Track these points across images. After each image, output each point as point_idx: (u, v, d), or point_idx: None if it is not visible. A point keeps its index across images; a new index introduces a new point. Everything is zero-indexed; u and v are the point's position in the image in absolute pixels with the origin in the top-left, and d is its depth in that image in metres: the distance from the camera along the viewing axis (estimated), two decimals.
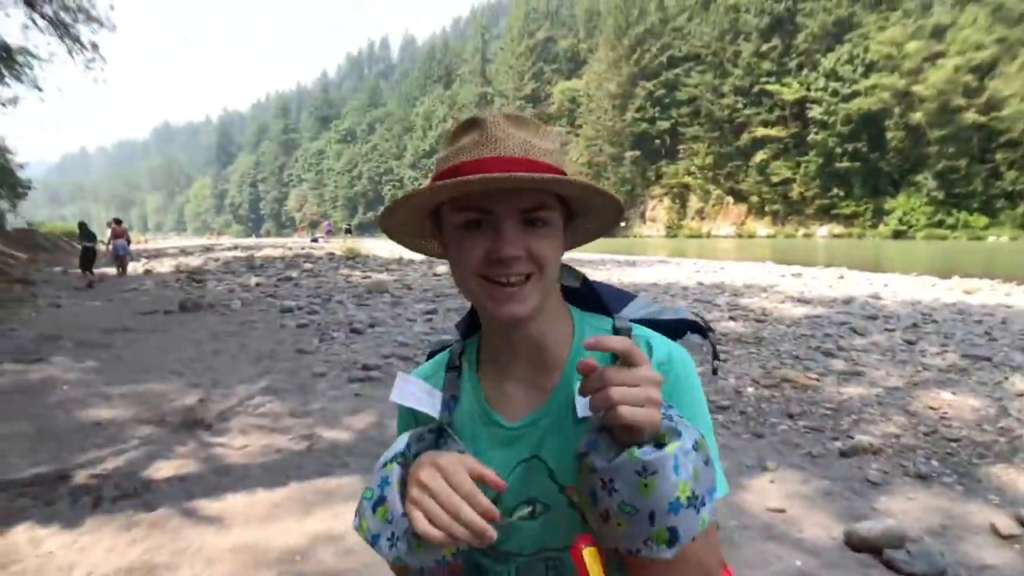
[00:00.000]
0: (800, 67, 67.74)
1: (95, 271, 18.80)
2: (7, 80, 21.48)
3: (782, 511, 3.94)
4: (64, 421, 5.73)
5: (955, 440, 5.01)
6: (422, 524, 0.78)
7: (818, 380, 6.65)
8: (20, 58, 21.28)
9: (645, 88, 79.23)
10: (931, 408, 5.75)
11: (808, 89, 64.90)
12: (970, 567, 3.33)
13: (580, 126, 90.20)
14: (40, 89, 22.31)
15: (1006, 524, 3.69)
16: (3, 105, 21.91)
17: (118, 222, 20.40)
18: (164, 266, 23.36)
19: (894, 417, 5.55)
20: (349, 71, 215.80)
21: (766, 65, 69.61)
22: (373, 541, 0.86)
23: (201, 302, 12.52)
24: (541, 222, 0.93)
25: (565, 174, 0.96)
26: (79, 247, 19.30)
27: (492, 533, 0.78)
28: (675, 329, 1.10)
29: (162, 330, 10.19)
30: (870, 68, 60.31)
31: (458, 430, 1.02)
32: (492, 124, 0.95)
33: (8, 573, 3.28)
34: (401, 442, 0.95)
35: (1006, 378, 6.68)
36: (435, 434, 0.99)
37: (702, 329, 1.12)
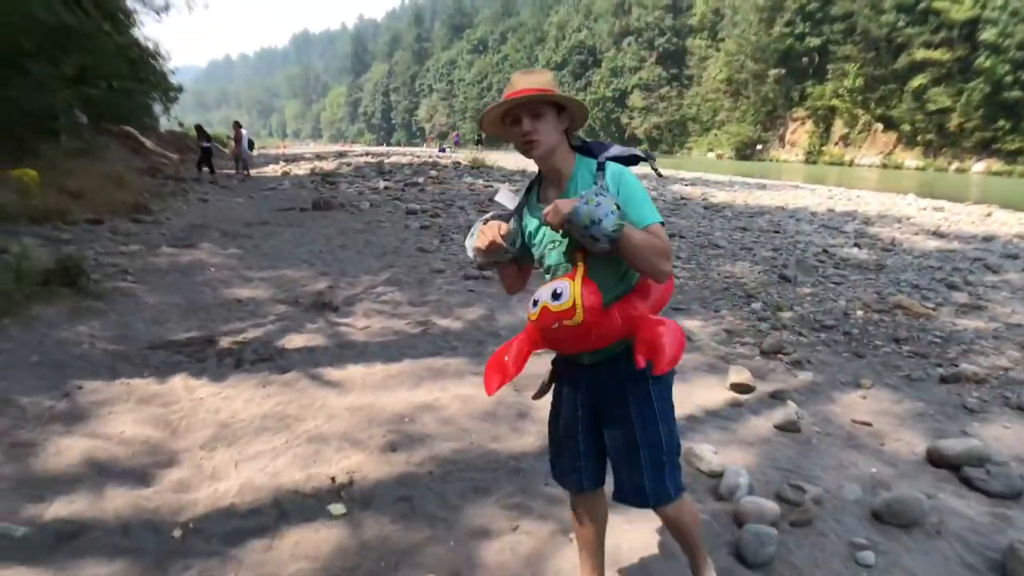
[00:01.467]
0: None
1: (216, 171, 19.98)
2: None
3: (868, 424, 4.01)
4: (211, 297, 6.46)
5: None
6: (473, 246, 2.03)
7: (934, 310, 6.46)
8: None
9: (797, 0, 73.87)
10: None
11: (983, 7, 58.32)
12: None
13: (722, 40, 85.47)
14: None
15: None
16: (156, 13, 23.09)
17: (238, 126, 21.35)
18: (301, 169, 24.64)
19: (1008, 352, 5.36)
20: None
21: None
22: (471, 261, 2.10)
23: (333, 202, 13.28)
24: (540, 114, 1.90)
25: (548, 91, 1.88)
26: (200, 147, 20.37)
27: (504, 248, 1.98)
28: (630, 159, 2.06)
29: (297, 225, 10.98)
30: None
31: (528, 208, 2.08)
32: (513, 77, 1.95)
33: (169, 411, 3.89)
34: (488, 215, 2.08)
35: None
36: (508, 215, 2.06)
37: (644, 158, 2.10)
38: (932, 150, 62.91)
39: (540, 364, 2.36)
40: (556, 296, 1.83)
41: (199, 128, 21.61)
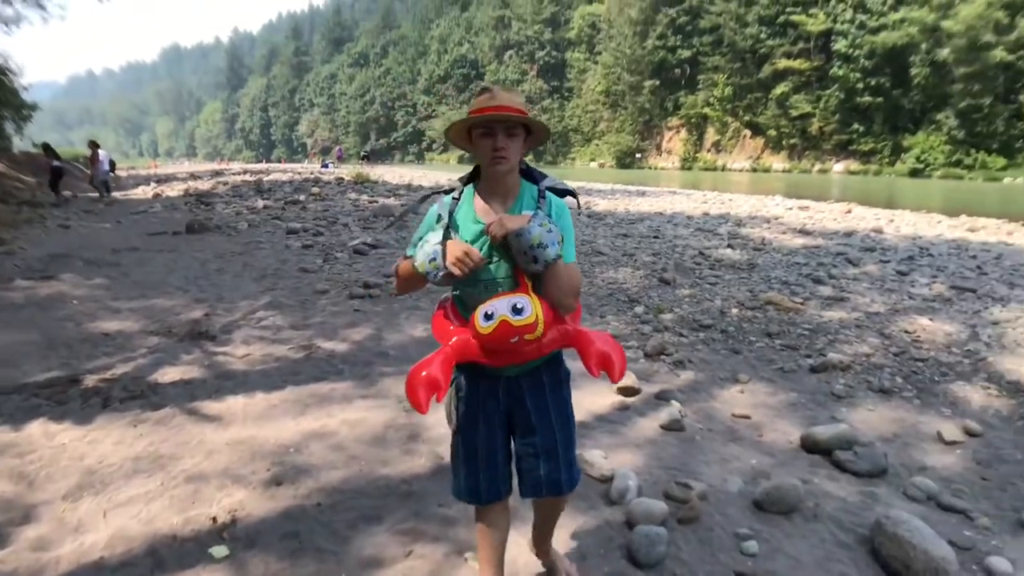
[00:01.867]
0: None
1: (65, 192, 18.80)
2: None
3: (747, 417, 4.20)
4: (74, 332, 6.00)
5: (922, 360, 5.22)
6: (458, 271, 1.93)
7: (802, 304, 6.85)
8: None
9: (667, 15, 76.83)
10: (906, 332, 5.95)
11: (835, 21, 62.64)
12: (910, 467, 3.59)
13: (599, 53, 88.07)
14: (43, 7, 21.98)
15: (951, 431, 3.94)
16: (5, 24, 21.59)
17: (94, 145, 20.06)
18: (173, 190, 23.52)
19: (868, 339, 5.76)
20: None
21: None
22: (426, 274, 2.00)
23: (208, 224, 12.73)
24: (512, 134, 1.99)
25: (526, 114, 1.98)
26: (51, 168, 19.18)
27: (481, 263, 1.98)
28: (565, 192, 2.17)
29: (169, 250, 10.44)
30: (900, 1, 58.30)
31: (455, 223, 2.08)
32: (495, 89, 2.00)
33: (25, 461, 3.56)
34: (439, 235, 2.02)
35: (986, 308, 6.84)
36: (445, 229, 2.04)
37: (574, 194, 2.17)
38: (796, 153, 67.03)
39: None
40: (517, 311, 1.91)
41: (46, 147, 20.20)
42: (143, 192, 22.86)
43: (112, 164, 21.75)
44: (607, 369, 2.05)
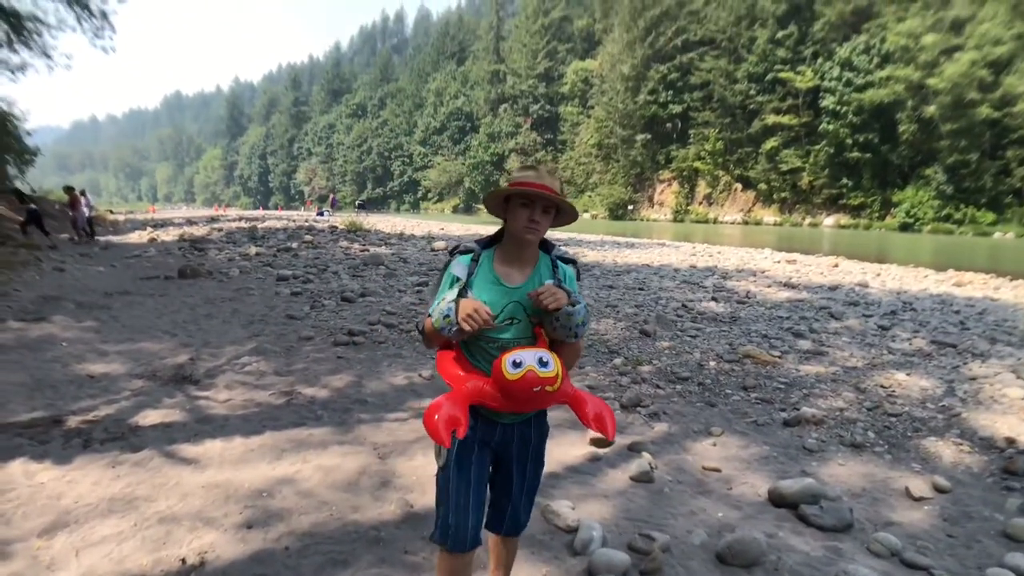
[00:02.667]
0: (815, 56, 66.80)
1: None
2: (16, 46, 21.59)
3: (717, 471, 4.25)
4: (61, 374, 6.05)
5: (895, 415, 5.30)
6: (468, 328, 2.07)
7: (780, 358, 6.95)
8: (29, 24, 21.39)
9: (659, 71, 78.60)
10: (881, 386, 6.04)
11: (822, 78, 64.04)
12: (876, 522, 3.64)
13: (592, 107, 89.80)
14: (49, 56, 22.41)
15: (919, 487, 4.00)
16: (11, 72, 22.01)
17: (72, 190, 20.27)
18: (169, 235, 23.67)
19: (843, 393, 5.84)
20: (362, 45, 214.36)
21: (781, 52, 68.79)
22: (440, 329, 2.14)
23: (200, 269, 12.82)
24: (548, 211, 2.22)
25: (564, 197, 2.23)
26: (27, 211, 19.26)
27: (492, 324, 2.14)
28: (568, 261, 2.39)
29: (160, 294, 10.52)
30: (886, 59, 59.47)
31: (474, 287, 2.24)
32: (541, 170, 2.23)
33: (3, 499, 3.61)
34: (454, 292, 2.20)
35: (964, 363, 6.94)
36: (465, 289, 2.21)
37: (575, 262, 2.42)
38: (787, 206, 67.87)
39: (406, 430, 2.43)
40: (543, 363, 2.07)
41: (17, 192, 20.20)
42: (139, 236, 22.99)
43: (90, 207, 21.83)
44: (602, 430, 2.22)
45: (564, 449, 4.48)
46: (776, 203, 68.88)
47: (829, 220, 62.12)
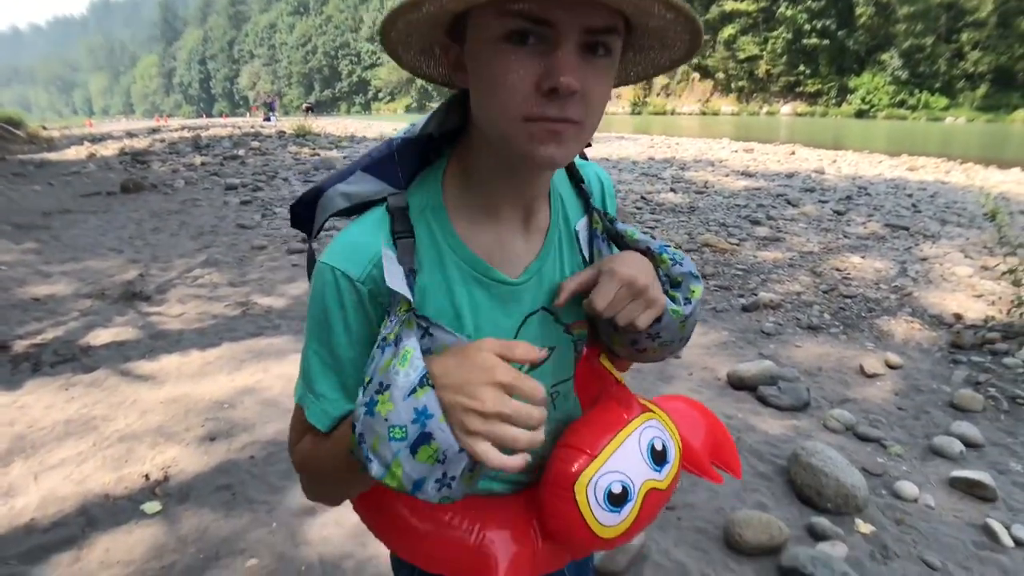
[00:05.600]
0: None
1: None
2: None
3: (677, 357, 4.30)
4: (2, 298, 5.82)
5: (850, 297, 5.40)
6: (498, 458, 0.67)
7: (737, 245, 7.00)
8: None
9: None
10: (837, 270, 6.14)
11: None
12: (831, 400, 3.75)
13: None
14: None
15: (872, 364, 4.11)
16: None
17: None
18: (108, 149, 22.66)
19: (800, 277, 5.92)
20: None
21: None
22: (415, 488, 0.69)
23: (144, 183, 12.33)
24: (605, 49, 0.71)
25: None
26: None
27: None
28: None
29: (103, 211, 10.12)
30: None
31: (426, 299, 0.84)
32: None
33: None
34: (416, 358, 0.70)
35: (916, 245, 7.08)
36: (419, 333, 0.76)
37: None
38: (745, 96, 67.58)
39: None
40: (659, 457, 0.94)
41: None
42: (76, 152, 21.96)
43: None
44: (730, 468, 1.13)
45: None
46: (734, 92, 68.53)
47: (786, 108, 62.14)
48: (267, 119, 45.06)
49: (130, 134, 31.83)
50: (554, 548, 0.95)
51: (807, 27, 60.26)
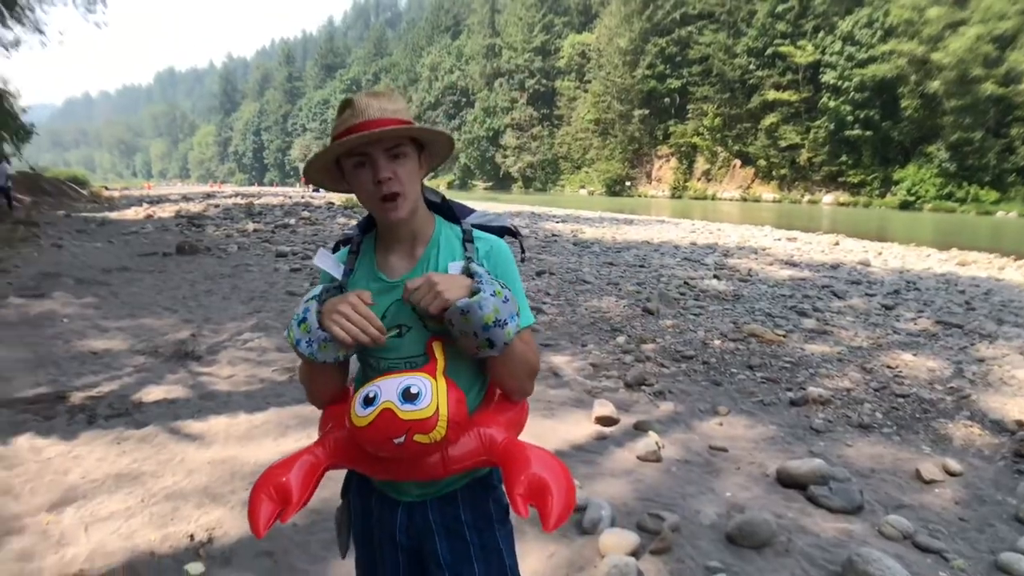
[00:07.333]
0: (816, 30, 65.74)
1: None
2: (8, 23, 21.34)
3: (724, 450, 4.22)
4: (63, 350, 6.03)
5: (903, 396, 5.27)
6: (339, 332, 1.31)
7: (784, 336, 6.91)
8: (21, 0, 21.15)
9: (657, 44, 77.47)
10: (888, 367, 6.01)
11: (823, 53, 63.13)
12: (887, 504, 3.62)
13: (589, 81, 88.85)
14: (42, 32, 22.21)
15: (929, 470, 3.97)
16: (5, 48, 21.78)
17: None
18: (165, 211, 23.53)
19: (850, 373, 5.82)
20: (355, 19, 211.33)
21: (781, 26, 67.77)
22: (296, 343, 1.36)
23: (198, 245, 12.76)
24: (401, 155, 1.40)
25: (410, 123, 1.41)
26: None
27: (383, 339, 1.35)
28: (499, 231, 1.59)
29: (159, 270, 10.46)
30: (888, 33, 58.53)
31: (352, 286, 1.47)
32: (358, 100, 1.42)
33: (11, 474, 3.61)
34: (317, 289, 1.44)
35: (971, 344, 6.91)
36: (338, 289, 1.45)
37: (514, 233, 1.63)
38: (786, 183, 67.51)
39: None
40: (410, 397, 1.29)
41: None
42: (135, 213, 22.85)
43: (8, 177, 20.40)
44: (539, 505, 1.28)
45: (568, 427, 4.45)
46: (775, 180, 68.51)
47: (828, 198, 61.85)
48: (316, 190, 46.26)
49: (186, 198, 33.06)
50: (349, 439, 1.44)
51: (850, 117, 60.39)
